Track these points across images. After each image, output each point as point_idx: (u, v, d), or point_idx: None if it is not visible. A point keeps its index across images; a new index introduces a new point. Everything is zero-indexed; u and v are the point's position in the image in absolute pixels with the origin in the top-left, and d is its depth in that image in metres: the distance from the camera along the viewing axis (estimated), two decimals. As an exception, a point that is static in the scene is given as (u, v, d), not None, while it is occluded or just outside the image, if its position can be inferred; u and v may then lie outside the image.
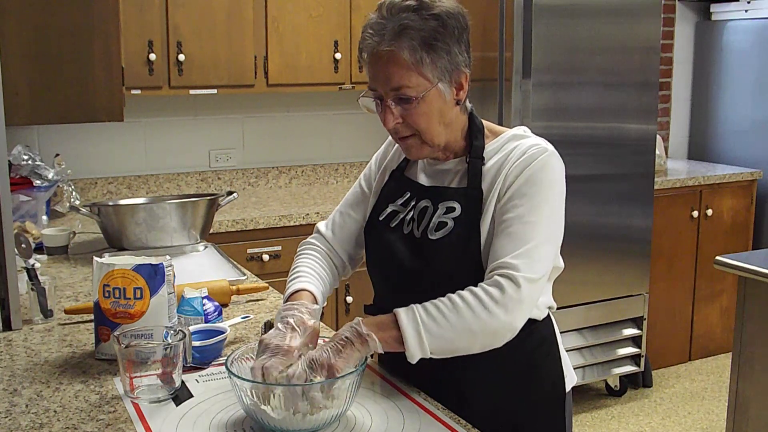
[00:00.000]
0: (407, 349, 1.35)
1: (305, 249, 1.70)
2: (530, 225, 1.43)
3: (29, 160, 2.91)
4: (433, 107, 1.46)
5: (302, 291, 1.54)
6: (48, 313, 1.90)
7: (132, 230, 2.33)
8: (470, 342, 1.38)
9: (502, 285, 1.38)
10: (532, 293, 1.40)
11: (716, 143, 4.79)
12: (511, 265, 1.39)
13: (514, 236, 1.42)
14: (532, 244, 1.41)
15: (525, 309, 1.40)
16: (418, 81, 1.43)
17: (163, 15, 3.25)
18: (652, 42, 3.61)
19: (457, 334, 1.37)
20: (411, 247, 1.54)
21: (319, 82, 3.61)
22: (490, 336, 1.39)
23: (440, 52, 1.43)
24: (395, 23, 1.41)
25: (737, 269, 2.55)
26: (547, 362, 1.61)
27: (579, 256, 3.56)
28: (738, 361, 2.62)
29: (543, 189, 1.45)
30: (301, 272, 1.61)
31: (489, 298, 1.37)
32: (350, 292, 3.41)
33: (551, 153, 1.49)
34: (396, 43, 1.41)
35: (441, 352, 1.38)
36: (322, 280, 1.62)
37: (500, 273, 1.39)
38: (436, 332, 1.36)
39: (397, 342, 1.36)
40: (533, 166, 1.46)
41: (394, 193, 1.62)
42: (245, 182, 3.87)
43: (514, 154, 1.49)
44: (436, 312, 1.37)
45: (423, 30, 1.41)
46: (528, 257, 1.40)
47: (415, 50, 1.41)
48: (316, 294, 1.55)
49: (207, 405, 1.43)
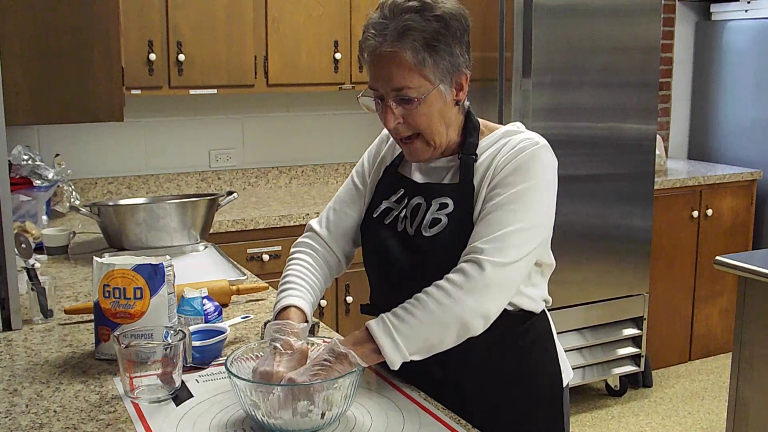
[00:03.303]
0: (386, 357, 1.35)
1: (298, 252, 1.67)
2: (509, 212, 1.42)
3: (29, 160, 2.91)
4: (434, 108, 1.46)
5: (290, 308, 1.51)
6: (48, 313, 1.90)
7: (132, 230, 2.33)
8: (444, 334, 1.37)
9: (464, 269, 1.38)
10: (502, 278, 1.39)
11: (716, 143, 4.78)
12: (479, 249, 1.39)
13: (489, 221, 1.42)
14: (507, 230, 1.40)
15: (494, 293, 1.38)
16: (419, 82, 1.43)
17: (163, 15, 3.25)
18: (652, 42, 3.60)
19: (429, 330, 1.36)
20: (405, 244, 1.54)
21: (319, 82, 3.61)
22: (459, 323, 1.37)
23: (442, 53, 1.43)
24: (398, 24, 1.41)
25: (737, 269, 2.55)
26: (545, 357, 1.61)
27: (579, 256, 3.57)
28: (738, 361, 2.62)
29: (528, 178, 1.45)
30: (292, 283, 1.58)
31: (451, 285, 1.37)
32: (350, 292, 3.41)
33: (542, 146, 1.49)
34: (399, 44, 1.41)
35: (419, 351, 1.37)
36: (312, 290, 1.59)
37: (466, 258, 1.40)
38: (408, 333, 1.35)
39: (375, 353, 1.36)
40: (521, 157, 1.46)
41: (388, 189, 1.62)
42: (245, 182, 3.87)
43: (506, 148, 1.50)
44: (404, 314, 1.37)
45: (425, 31, 1.41)
46: (498, 242, 1.39)
47: (418, 51, 1.41)
48: (305, 309, 1.52)
49: (207, 405, 1.43)
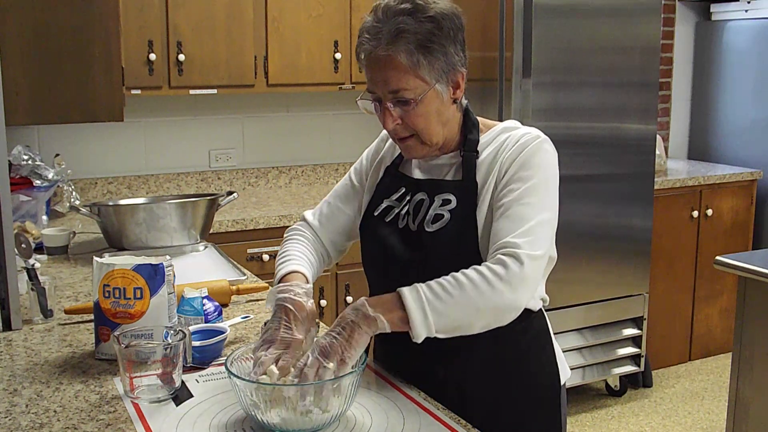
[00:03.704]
0: (413, 329, 1.35)
1: (293, 234, 1.71)
2: (528, 206, 1.44)
3: (29, 160, 2.91)
4: (431, 108, 1.47)
5: (294, 273, 1.55)
6: (48, 313, 1.90)
7: (132, 230, 2.33)
8: (475, 319, 1.38)
9: (506, 262, 1.38)
10: (535, 271, 1.41)
11: (716, 143, 4.78)
12: (514, 243, 1.40)
13: (513, 217, 1.43)
14: (532, 223, 1.42)
15: (529, 286, 1.40)
16: (415, 83, 1.44)
17: (163, 15, 3.25)
18: (652, 42, 3.60)
19: (462, 311, 1.37)
20: (406, 240, 1.55)
21: (319, 82, 3.61)
22: (493, 313, 1.39)
23: (436, 53, 1.44)
24: (391, 27, 1.42)
25: (737, 269, 2.55)
26: (543, 355, 1.62)
27: (579, 256, 3.57)
28: (738, 361, 2.62)
29: (538, 172, 1.47)
30: (291, 255, 1.62)
31: (493, 275, 1.37)
32: (350, 292, 3.40)
33: (543, 139, 1.52)
34: (392, 48, 1.42)
35: (445, 330, 1.38)
36: (311, 263, 1.63)
37: (503, 252, 1.40)
38: (441, 310, 1.35)
39: (402, 322, 1.36)
40: (526, 152, 1.48)
41: (389, 188, 1.63)
42: (245, 182, 3.87)
43: (507, 144, 1.51)
44: (440, 290, 1.37)
45: (419, 33, 1.42)
46: (529, 235, 1.41)
47: (412, 54, 1.42)
48: (307, 275, 1.56)
49: (207, 405, 1.43)
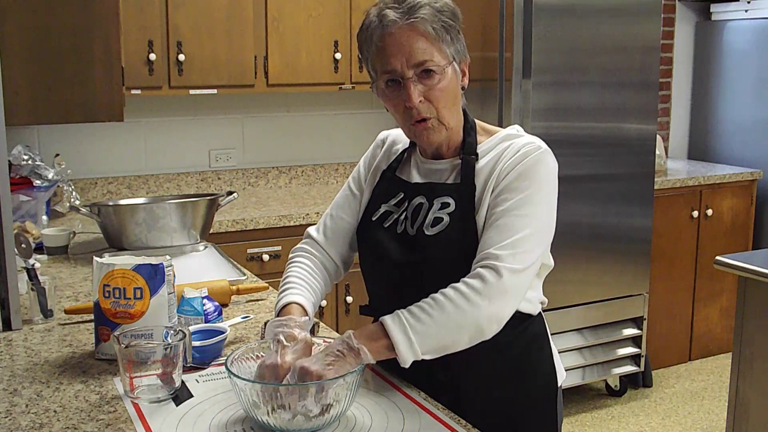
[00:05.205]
0: (399, 355, 1.36)
1: (296, 257, 1.68)
2: (518, 217, 1.44)
3: (29, 160, 2.91)
4: (451, 85, 1.50)
5: (292, 305, 1.53)
6: (48, 313, 1.90)
7: (132, 230, 2.33)
8: (458, 336, 1.39)
9: (483, 275, 1.39)
10: (517, 284, 1.41)
11: (716, 143, 4.78)
12: (494, 255, 1.40)
13: (501, 228, 1.43)
14: (519, 236, 1.42)
15: (510, 299, 1.41)
16: (439, 57, 1.47)
17: (163, 15, 3.25)
18: (652, 42, 3.60)
19: (444, 330, 1.38)
20: (405, 244, 1.55)
21: (319, 82, 3.61)
22: (475, 327, 1.39)
23: (453, 33, 1.49)
24: (413, 2, 1.45)
25: (737, 269, 2.55)
26: (541, 358, 1.63)
27: (579, 256, 3.57)
28: (738, 361, 2.62)
29: (534, 183, 1.47)
30: (292, 283, 1.59)
31: (470, 290, 1.38)
32: (350, 292, 3.41)
33: (545, 151, 1.51)
34: (419, 18, 1.45)
35: (431, 351, 1.38)
36: (312, 291, 1.61)
37: (482, 264, 1.41)
38: (423, 332, 1.36)
39: (388, 350, 1.37)
40: (526, 162, 1.48)
41: (387, 193, 1.62)
42: (245, 182, 3.87)
43: (508, 152, 1.51)
44: (420, 312, 1.38)
45: (442, 11, 1.47)
46: (512, 248, 1.41)
47: (437, 26, 1.46)
48: (306, 306, 1.54)
49: (207, 405, 1.43)
